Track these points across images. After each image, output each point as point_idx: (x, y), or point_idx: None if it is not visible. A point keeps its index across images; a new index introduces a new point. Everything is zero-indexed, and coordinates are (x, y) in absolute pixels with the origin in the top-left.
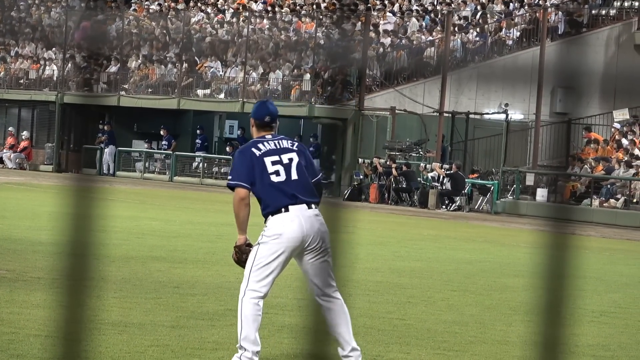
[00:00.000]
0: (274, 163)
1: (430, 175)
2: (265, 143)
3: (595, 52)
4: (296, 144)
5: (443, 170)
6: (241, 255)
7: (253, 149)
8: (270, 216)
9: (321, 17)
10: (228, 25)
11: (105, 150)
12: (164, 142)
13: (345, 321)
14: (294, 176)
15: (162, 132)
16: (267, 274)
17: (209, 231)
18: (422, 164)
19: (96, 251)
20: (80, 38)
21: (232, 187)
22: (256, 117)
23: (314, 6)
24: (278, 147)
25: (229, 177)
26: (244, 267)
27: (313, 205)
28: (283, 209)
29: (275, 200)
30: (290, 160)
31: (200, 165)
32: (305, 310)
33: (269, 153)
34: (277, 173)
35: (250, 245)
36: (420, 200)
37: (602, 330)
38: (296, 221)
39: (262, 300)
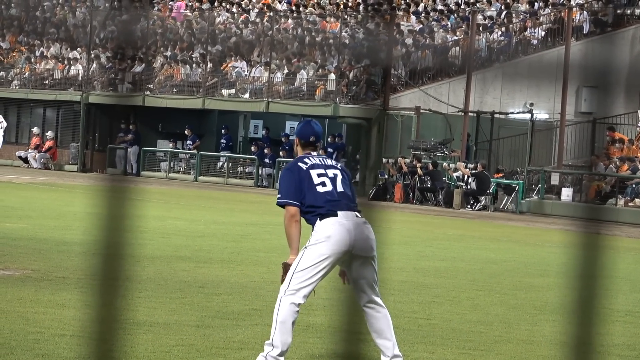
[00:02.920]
0: (319, 175)
1: (455, 175)
2: (311, 158)
3: (620, 52)
4: (340, 164)
5: (468, 170)
6: None
7: (299, 164)
8: (318, 220)
9: (346, 17)
10: (252, 25)
11: (129, 150)
12: (188, 142)
13: (388, 328)
14: (340, 188)
15: (186, 132)
16: (310, 276)
17: (233, 231)
18: (445, 164)
19: (121, 251)
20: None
21: (282, 205)
22: (301, 137)
23: (340, 6)
24: (323, 163)
25: (278, 196)
26: None
27: (359, 214)
28: (331, 215)
29: (323, 206)
30: (335, 175)
31: (225, 165)
32: (331, 310)
33: (315, 166)
34: (323, 184)
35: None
36: (445, 199)
37: (628, 329)
38: (345, 225)
39: (301, 302)
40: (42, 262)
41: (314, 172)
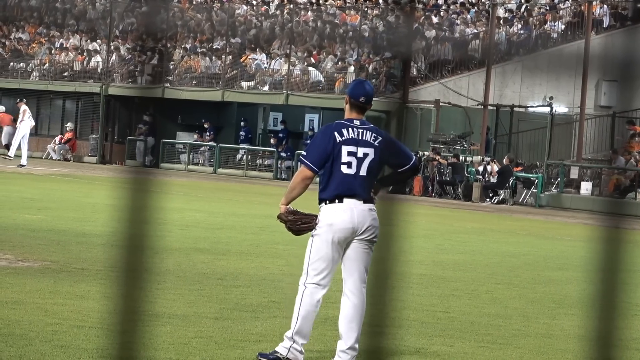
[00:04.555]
0: (349, 153)
1: (479, 168)
2: (351, 129)
3: None
4: (379, 138)
5: (496, 166)
6: (293, 223)
7: (336, 133)
8: (324, 204)
9: (366, 9)
10: (272, 17)
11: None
12: (207, 134)
13: (359, 319)
14: (362, 172)
15: (205, 125)
16: (325, 265)
17: (252, 223)
18: (471, 157)
19: (140, 243)
20: None
21: (302, 163)
22: (352, 95)
23: None
24: (359, 138)
25: (305, 154)
26: (298, 230)
27: (368, 202)
28: (337, 200)
29: (335, 188)
30: (365, 155)
31: (244, 157)
32: None
33: (349, 142)
34: (349, 165)
35: (293, 213)
36: (464, 193)
37: None
38: (348, 212)
39: (323, 292)
40: (61, 254)
41: (345, 149)
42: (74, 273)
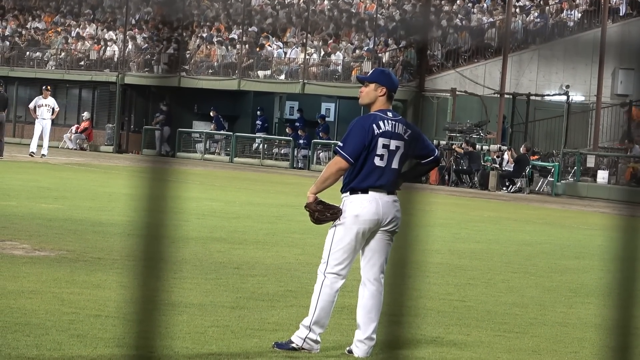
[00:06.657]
0: (384, 146)
1: (495, 156)
2: (386, 122)
3: None
4: (409, 131)
5: (512, 155)
6: (322, 213)
7: (374, 126)
8: (349, 193)
9: None
10: (288, 6)
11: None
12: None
13: (377, 308)
14: (394, 165)
15: (211, 114)
16: (346, 256)
17: (269, 212)
18: (481, 146)
19: (156, 232)
20: None
21: (338, 154)
22: (393, 87)
23: None
24: (393, 130)
25: (341, 144)
26: (324, 220)
27: (392, 194)
28: (361, 191)
29: (364, 180)
30: (397, 148)
31: (261, 146)
32: None
33: (385, 134)
34: (381, 157)
35: (321, 203)
36: (480, 182)
37: None
38: (374, 204)
39: (342, 282)
40: (78, 243)
41: (380, 141)
42: (90, 262)
